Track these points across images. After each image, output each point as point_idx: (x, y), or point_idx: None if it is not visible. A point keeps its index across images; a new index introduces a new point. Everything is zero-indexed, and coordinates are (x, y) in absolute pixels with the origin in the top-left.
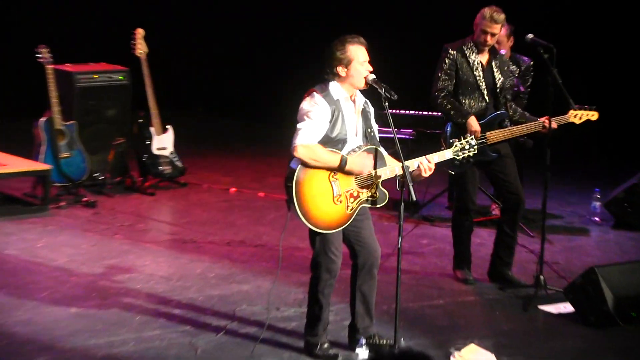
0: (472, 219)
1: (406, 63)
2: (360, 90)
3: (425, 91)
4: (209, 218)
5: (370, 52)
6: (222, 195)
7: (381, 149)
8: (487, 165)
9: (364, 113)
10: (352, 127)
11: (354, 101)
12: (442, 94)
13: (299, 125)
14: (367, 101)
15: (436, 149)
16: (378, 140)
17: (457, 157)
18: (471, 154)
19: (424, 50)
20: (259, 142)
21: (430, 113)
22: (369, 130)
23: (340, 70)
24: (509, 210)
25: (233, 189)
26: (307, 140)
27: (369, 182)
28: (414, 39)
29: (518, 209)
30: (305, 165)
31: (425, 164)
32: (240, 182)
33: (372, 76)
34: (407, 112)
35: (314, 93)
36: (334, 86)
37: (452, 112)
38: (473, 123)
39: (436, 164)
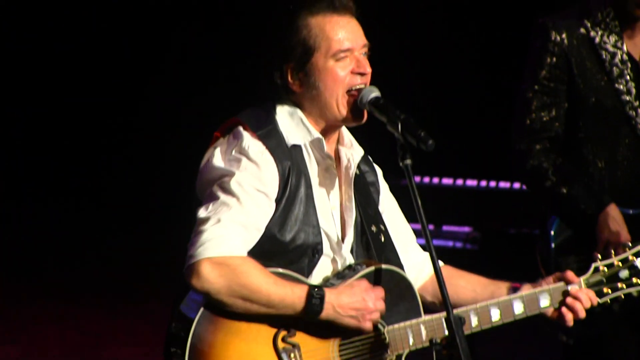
0: None
1: (455, 70)
2: (350, 130)
3: (503, 131)
4: None
5: (370, 32)
6: None
7: (402, 273)
8: None
9: (362, 185)
10: (330, 216)
11: (336, 154)
12: (537, 145)
13: (201, 213)
14: (369, 158)
15: (529, 273)
16: (396, 251)
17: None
18: (636, 291)
19: (490, 41)
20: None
21: (515, 186)
22: (372, 227)
23: (292, 77)
24: None
25: None
26: (223, 247)
27: (374, 356)
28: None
29: None
30: (220, 308)
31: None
32: None
33: (372, 93)
34: (461, 182)
35: (240, 129)
36: (284, 115)
37: (562, 190)
38: (614, 221)
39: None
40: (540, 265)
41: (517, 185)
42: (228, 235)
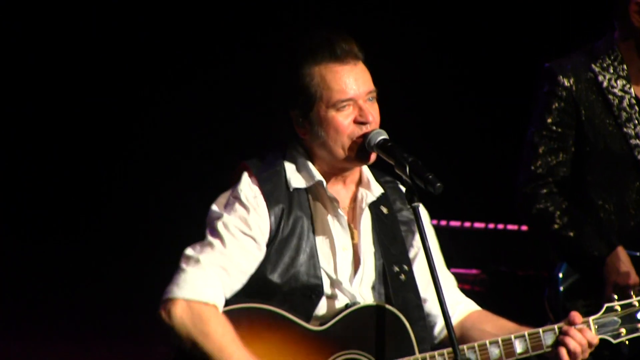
0: None
1: (463, 113)
2: (369, 168)
3: (511, 174)
4: None
5: (377, 74)
6: None
7: (396, 312)
8: None
9: (388, 224)
10: (331, 256)
11: (353, 196)
12: (543, 189)
13: (187, 250)
14: (402, 191)
15: (537, 316)
16: (417, 292)
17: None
18: None
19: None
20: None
21: (523, 229)
22: (393, 267)
23: (297, 123)
24: None
25: None
26: (197, 291)
27: None
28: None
29: None
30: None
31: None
32: None
33: (379, 136)
34: (469, 225)
35: (244, 175)
36: (291, 159)
37: (569, 233)
38: (622, 264)
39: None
40: (548, 309)
41: (525, 227)
42: (205, 278)
